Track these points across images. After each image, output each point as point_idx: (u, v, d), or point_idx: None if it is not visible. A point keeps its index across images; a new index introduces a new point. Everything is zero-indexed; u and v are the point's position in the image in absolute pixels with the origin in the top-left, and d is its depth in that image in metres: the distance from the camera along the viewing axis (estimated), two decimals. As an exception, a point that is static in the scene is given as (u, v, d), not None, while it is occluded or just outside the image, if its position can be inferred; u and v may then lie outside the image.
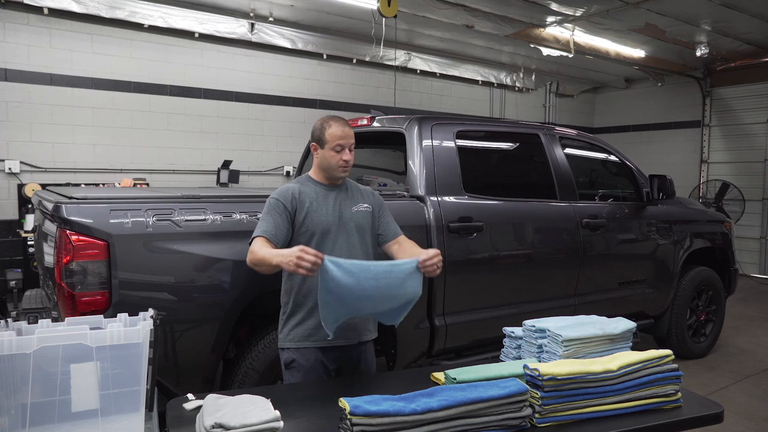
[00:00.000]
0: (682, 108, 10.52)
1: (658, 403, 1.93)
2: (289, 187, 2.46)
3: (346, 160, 2.43)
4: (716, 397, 3.95)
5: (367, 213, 2.54)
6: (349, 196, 2.53)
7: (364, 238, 2.51)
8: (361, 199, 2.55)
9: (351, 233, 2.46)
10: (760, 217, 9.57)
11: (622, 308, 4.25)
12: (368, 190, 2.64)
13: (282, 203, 2.38)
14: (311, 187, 2.48)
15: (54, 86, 6.32)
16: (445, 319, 3.40)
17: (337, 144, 2.41)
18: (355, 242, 2.46)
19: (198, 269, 2.65)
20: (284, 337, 2.46)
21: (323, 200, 2.45)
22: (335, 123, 2.46)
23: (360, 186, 2.65)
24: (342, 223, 2.45)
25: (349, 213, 2.49)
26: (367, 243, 2.53)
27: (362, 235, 2.50)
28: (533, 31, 7.71)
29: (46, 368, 1.48)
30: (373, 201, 2.59)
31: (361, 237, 2.49)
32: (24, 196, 6.10)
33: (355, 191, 2.58)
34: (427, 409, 1.61)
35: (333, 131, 2.43)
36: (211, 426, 1.61)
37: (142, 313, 1.85)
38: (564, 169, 4.08)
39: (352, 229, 2.47)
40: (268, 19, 7.28)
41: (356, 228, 2.48)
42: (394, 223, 2.63)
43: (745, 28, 7.70)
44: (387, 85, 8.65)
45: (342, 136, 2.42)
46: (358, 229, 2.49)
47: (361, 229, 2.50)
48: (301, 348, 2.40)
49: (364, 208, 2.54)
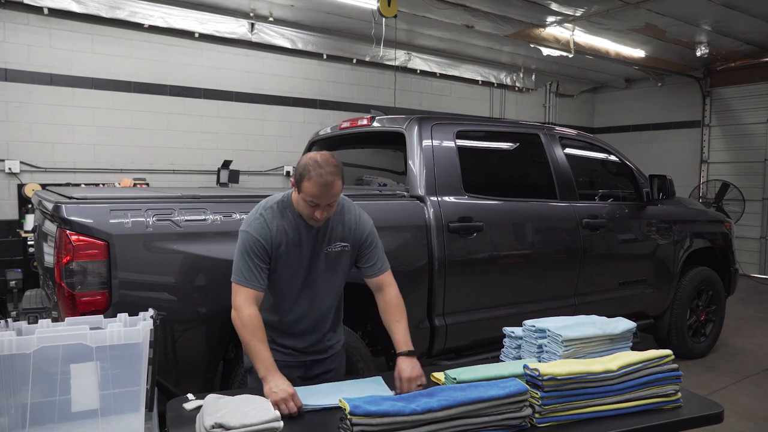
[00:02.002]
0: (682, 108, 10.52)
1: (658, 403, 1.93)
2: (266, 221, 2.21)
3: (319, 219, 2.16)
4: (716, 397, 3.95)
5: (341, 253, 2.32)
6: (328, 233, 2.29)
7: (332, 280, 2.34)
8: (340, 236, 2.30)
9: (319, 275, 2.30)
10: (760, 217, 9.57)
11: (622, 308, 4.25)
12: (353, 222, 2.34)
13: (262, 244, 2.18)
14: (288, 222, 2.23)
15: (54, 86, 6.32)
16: (445, 319, 3.40)
17: (311, 200, 2.11)
18: (322, 284, 2.32)
19: (198, 269, 2.65)
20: None
21: (299, 240, 2.24)
22: (316, 176, 2.07)
23: (347, 215, 2.34)
24: (314, 265, 2.28)
25: (321, 254, 2.28)
26: (335, 284, 2.36)
27: (330, 278, 2.33)
28: (533, 31, 7.71)
29: (46, 368, 1.48)
30: (354, 237, 2.33)
31: (327, 281, 2.32)
32: (24, 196, 6.10)
33: (337, 225, 2.30)
34: (427, 409, 1.61)
35: (309, 186, 2.09)
36: (211, 426, 1.61)
37: (142, 313, 1.85)
38: (564, 169, 4.08)
39: (321, 272, 2.30)
40: (268, 19, 7.28)
41: (326, 270, 2.31)
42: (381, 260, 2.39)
43: (745, 28, 7.70)
44: (387, 85, 8.65)
45: (317, 195, 2.09)
46: (327, 272, 2.31)
47: (330, 271, 2.32)
48: None
49: (340, 247, 2.31)
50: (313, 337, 2.39)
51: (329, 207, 2.17)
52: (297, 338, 2.37)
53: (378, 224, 2.62)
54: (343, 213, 2.34)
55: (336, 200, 2.18)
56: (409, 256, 3.24)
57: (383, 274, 2.39)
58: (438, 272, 3.32)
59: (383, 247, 2.44)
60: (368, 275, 2.38)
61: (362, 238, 2.35)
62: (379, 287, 2.38)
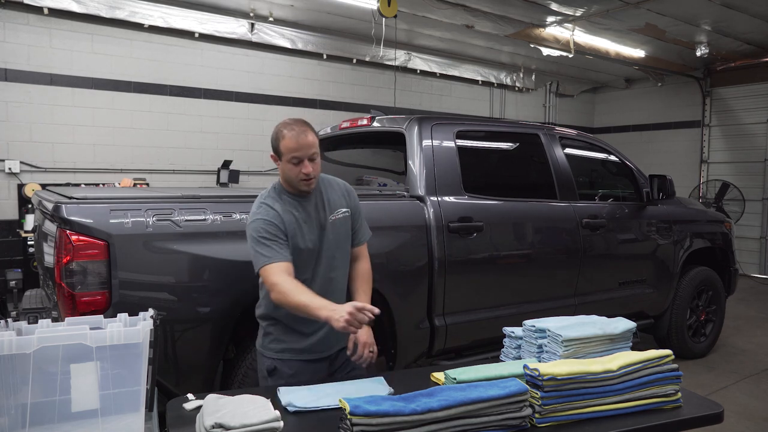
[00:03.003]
0: (682, 108, 10.52)
1: (658, 403, 1.93)
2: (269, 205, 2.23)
3: (307, 173, 2.16)
4: (716, 397, 3.95)
5: (346, 219, 2.37)
6: (326, 202, 2.33)
7: (343, 245, 2.37)
8: (338, 203, 2.36)
9: (330, 247, 2.32)
10: (760, 217, 9.57)
11: (622, 308, 4.25)
12: (344, 189, 2.41)
13: (276, 224, 2.19)
14: (287, 203, 2.26)
15: (54, 86, 6.32)
16: (445, 319, 3.40)
17: (293, 156, 2.14)
18: (335, 254, 2.33)
19: (198, 269, 2.65)
20: (261, 344, 2.40)
21: (302, 217, 2.26)
22: (288, 132, 2.15)
23: (335, 184, 2.42)
24: (321, 238, 2.30)
25: (328, 224, 2.31)
26: (346, 251, 2.39)
27: (341, 244, 2.36)
28: (533, 31, 7.71)
29: (46, 368, 1.48)
30: (349, 202, 2.40)
31: (340, 248, 2.35)
32: (24, 196, 6.10)
33: (331, 194, 2.35)
34: (427, 409, 1.61)
35: (286, 143, 2.15)
36: (211, 426, 1.61)
37: (142, 313, 1.85)
38: (564, 169, 4.08)
39: (331, 242, 2.32)
40: (268, 19, 7.28)
41: (335, 240, 2.33)
42: (364, 227, 2.48)
43: (745, 28, 7.70)
44: (387, 85, 8.65)
45: (296, 148, 2.13)
46: (337, 242, 2.34)
47: (340, 239, 2.35)
48: (284, 359, 2.33)
49: (343, 213, 2.35)
50: None
51: (313, 163, 2.19)
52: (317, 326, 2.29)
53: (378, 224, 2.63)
54: (330, 182, 2.42)
55: (316, 152, 2.20)
56: (409, 256, 3.24)
57: (363, 245, 2.48)
58: (438, 272, 3.32)
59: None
60: (352, 244, 2.44)
61: (356, 203, 2.44)
62: (355, 257, 2.46)
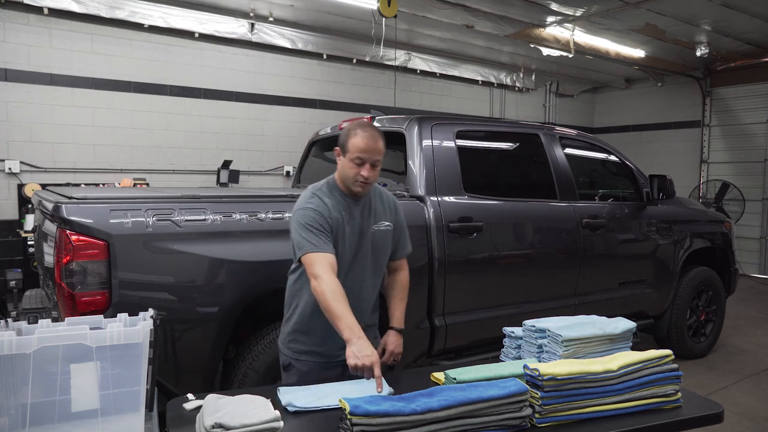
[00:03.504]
0: (682, 108, 10.52)
1: (658, 403, 1.93)
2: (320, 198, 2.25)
3: (365, 177, 2.18)
4: (716, 397, 3.95)
5: (387, 232, 2.38)
6: (372, 211, 2.34)
7: (378, 258, 2.38)
8: (383, 215, 2.37)
9: (366, 255, 2.32)
10: (760, 217, 9.57)
11: (622, 308, 4.25)
12: (392, 203, 2.43)
13: (324, 216, 2.20)
14: (337, 200, 2.27)
15: (54, 86, 6.32)
16: (445, 319, 3.40)
17: (357, 156, 2.16)
18: (368, 263, 2.34)
19: (198, 269, 2.65)
20: (284, 340, 2.41)
21: (348, 217, 2.26)
22: (362, 132, 2.17)
23: (384, 195, 2.42)
24: (361, 244, 2.31)
25: (369, 233, 2.32)
26: (381, 263, 2.40)
27: (376, 256, 2.36)
28: (533, 31, 7.71)
29: (46, 368, 1.48)
30: (395, 218, 2.42)
31: (374, 258, 2.36)
32: (24, 196, 6.10)
33: (378, 204, 2.37)
34: (427, 409, 1.61)
35: (356, 141, 2.16)
36: (211, 426, 1.61)
37: (142, 313, 1.85)
38: (564, 169, 4.08)
39: (368, 251, 2.32)
40: (268, 19, 7.28)
41: (372, 249, 2.34)
42: (407, 242, 2.49)
43: (745, 28, 7.70)
44: (387, 85, 8.65)
45: (364, 148, 2.15)
46: (374, 251, 2.34)
47: (377, 251, 2.36)
48: (301, 359, 2.34)
49: (385, 226, 2.36)
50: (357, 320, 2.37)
51: (374, 169, 2.20)
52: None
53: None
54: (381, 194, 2.42)
55: (380, 160, 2.22)
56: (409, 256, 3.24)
57: (403, 259, 2.50)
58: (438, 272, 3.32)
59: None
60: (393, 257, 2.46)
61: (400, 219, 2.46)
62: (395, 269, 2.49)
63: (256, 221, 2.81)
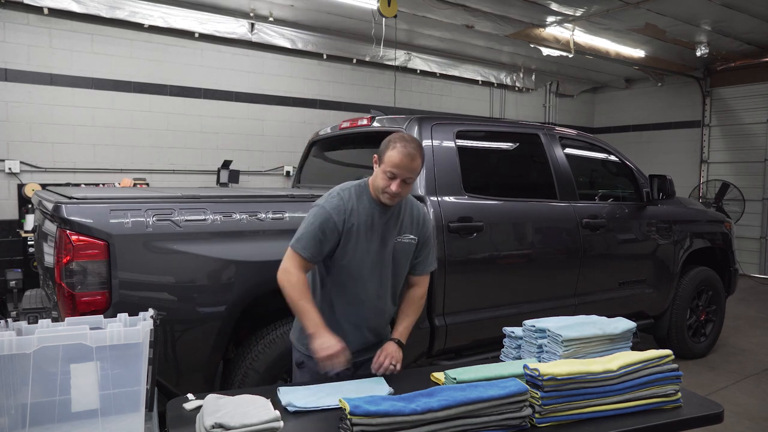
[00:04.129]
0: (682, 108, 10.53)
1: (658, 403, 1.93)
2: (343, 200, 2.25)
3: (394, 192, 2.17)
4: (716, 397, 3.95)
5: (410, 245, 2.36)
6: (398, 222, 2.33)
7: (397, 270, 2.37)
8: (409, 228, 2.35)
9: (386, 265, 2.32)
10: (760, 217, 9.57)
11: (622, 308, 4.25)
12: (421, 217, 2.40)
13: (335, 221, 2.20)
14: (364, 205, 2.27)
15: (54, 86, 6.32)
16: (445, 319, 3.40)
17: (390, 171, 2.15)
18: (387, 274, 2.34)
19: (198, 269, 2.65)
20: (297, 337, 2.41)
21: (372, 224, 2.27)
22: (401, 147, 2.15)
23: (415, 209, 2.40)
24: (382, 253, 2.30)
25: (391, 243, 2.31)
26: (399, 275, 2.39)
27: (396, 268, 2.36)
28: (533, 31, 7.71)
29: (46, 368, 1.48)
30: (420, 232, 2.39)
31: (394, 270, 2.36)
32: (24, 196, 6.10)
33: (406, 216, 2.35)
34: (427, 409, 1.61)
35: (392, 155, 2.15)
36: (211, 426, 1.61)
37: (142, 313, 1.85)
38: (564, 169, 4.08)
39: (388, 261, 2.32)
40: (268, 19, 7.28)
41: (393, 260, 2.33)
42: (430, 258, 2.47)
43: (745, 28, 7.70)
44: (387, 85, 8.65)
45: (398, 164, 2.13)
46: (394, 262, 2.34)
47: (397, 262, 2.35)
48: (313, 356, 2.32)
49: (409, 239, 2.35)
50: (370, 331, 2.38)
51: (405, 184, 2.19)
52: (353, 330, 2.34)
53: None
54: (412, 207, 2.40)
55: (413, 178, 2.21)
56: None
57: (424, 275, 2.47)
58: (438, 272, 3.32)
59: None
60: (413, 272, 2.44)
61: (427, 234, 2.43)
62: (413, 284, 2.47)
63: (256, 221, 2.81)
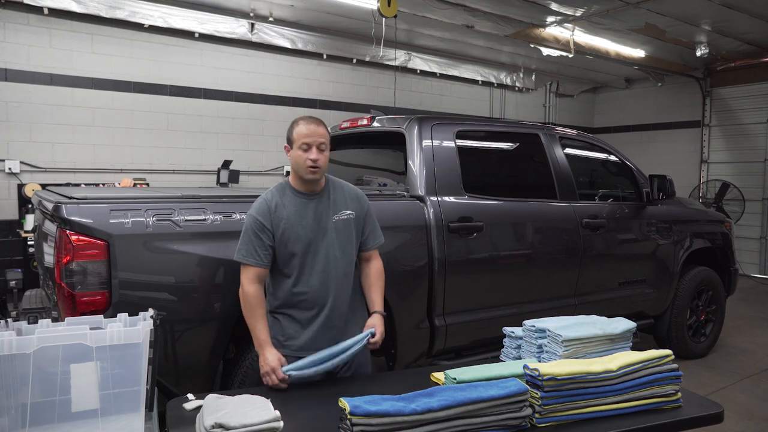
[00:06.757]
0: (682, 108, 10.52)
1: (658, 403, 1.93)
2: (265, 200, 2.39)
3: (314, 160, 2.31)
4: (716, 397, 3.95)
5: (349, 220, 2.46)
6: (330, 204, 2.44)
7: (346, 248, 2.45)
8: (343, 205, 2.47)
9: (331, 245, 2.40)
10: (760, 217, 9.57)
11: (622, 308, 4.25)
12: (353, 194, 2.53)
13: (261, 222, 2.34)
14: (289, 198, 2.39)
15: (54, 86, 6.32)
16: (445, 319, 3.40)
17: (303, 142, 2.31)
18: (336, 254, 2.41)
19: (198, 269, 2.65)
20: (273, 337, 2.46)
21: (301, 213, 2.37)
22: (303, 121, 2.36)
23: (345, 187, 2.54)
24: (321, 235, 2.39)
25: (329, 223, 2.41)
26: (350, 252, 2.48)
27: (343, 245, 2.44)
28: (533, 31, 7.71)
29: (46, 368, 1.48)
30: (357, 206, 2.50)
31: (342, 247, 2.43)
32: (24, 196, 6.10)
33: (339, 197, 2.47)
34: (427, 409, 1.61)
35: (299, 129, 2.34)
36: (211, 426, 1.61)
37: (142, 313, 1.85)
38: (564, 169, 4.08)
39: (332, 240, 2.41)
40: (268, 19, 7.28)
41: (336, 239, 2.42)
42: (376, 232, 2.59)
43: (745, 28, 7.70)
44: (387, 85, 8.65)
45: (308, 134, 2.31)
46: (338, 240, 2.42)
47: (342, 239, 2.43)
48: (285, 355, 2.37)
49: (347, 215, 2.46)
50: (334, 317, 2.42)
51: (322, 153, 2.33)
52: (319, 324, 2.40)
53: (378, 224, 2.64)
54: (342, 186, 2.53)
55: (326, 144, 2.36)
56: (409, 256, 3.24)
57: (373, 250, 2.59)
58: (438, 272, 3.32)
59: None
60: (364, 248, 2.56)
61: (365, 208, 2.54)
62: (367, 259, 2.59)
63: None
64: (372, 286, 2.56)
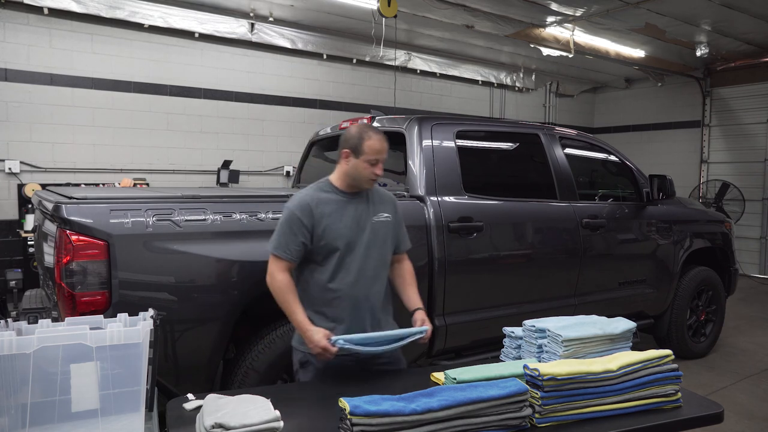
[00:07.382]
0: (682, 108, 10.52)
1: (658, 403, 1.93)
2: (307, 195, 2.38)
3: (378, 174, 2.39)
4: (716, 397, 3.95)
5: (387, 223, 2.49)
6: (370, 206, 2.46)
7: (383, 249, 2.47)
8: (382, 208, 2.49)
9: (370, 246, 2.42)
10: (760, 217, 9.57)
11: (622, 308, 4.25)
12: (389, 197, 2.58)
13: (299, 218, 2.32)
14: (331, 197, 2.41)
15: (54, 86, 6.32)
16: (445, 319, 3.40)
17: (374, 158, 2.35)
18: (373, 254, 2.42)
19: (198, 269, 2.65)
20: (298, 339, 2.43)
21: (342, 211, 2.39)
22: (375, 136, 2.37)
23: (381, 191, 2.56)
24: (361, 235, 2.40)
25: (369, 224, 2.43)
26: (385, 254, 2.49)
27: (381, 247, 2.46)
28: (533, 31, 7.71)
29: (46, 368, 1.48)
30: (393, 210, 2.54)
31: (379, 249, 2.45)
32: (24, 196, 6.10)
33: (377, 199, 2.51)
34: (427, 409, 1.61)
35: (372, 144, 2.35)
36: (211, 426, 1.61)
37: (142, 313, 1.85)
38: (564, 169, 4.08)
39: (371, 241, 2.42)
40: (268, 19, 7.28)
41: (375, 240, 2.43)
42: (406, 237, 2.62)
43: (745, 28, 7.70)
44: (387, 85, 8.65)
45: (380, 150, 2.36)
46: (377, 242, 2.44)
47: (380, 241, 2.45)
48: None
49: (385, 218, 2.48)
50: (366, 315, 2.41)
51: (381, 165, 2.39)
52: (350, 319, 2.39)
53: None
54: (377, 190, 2.55)
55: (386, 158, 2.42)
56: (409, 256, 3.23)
57: (403, 253, 2.63)
58: (438, 272, 3.32)
59: None
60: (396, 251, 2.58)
61: (399, 213, 2.58)
62: (400, 260, 2.62)
63: (256, 221, 2.81)
64: (409, 285, 2.60)
